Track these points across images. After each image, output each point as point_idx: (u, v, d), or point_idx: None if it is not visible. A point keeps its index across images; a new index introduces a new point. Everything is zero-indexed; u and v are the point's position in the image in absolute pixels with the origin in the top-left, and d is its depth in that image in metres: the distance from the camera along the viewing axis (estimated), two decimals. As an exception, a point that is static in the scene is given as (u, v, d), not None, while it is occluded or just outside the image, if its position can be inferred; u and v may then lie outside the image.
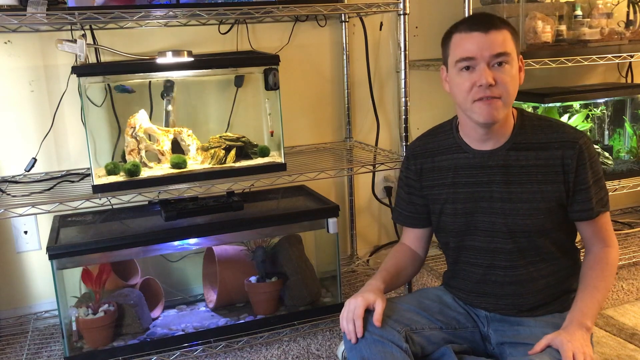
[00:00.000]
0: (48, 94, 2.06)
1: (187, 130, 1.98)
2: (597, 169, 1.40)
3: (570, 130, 1.40)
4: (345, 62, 2.39)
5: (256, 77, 2.07)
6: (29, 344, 1.96)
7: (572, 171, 1.36)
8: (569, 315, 1.34)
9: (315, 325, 2.00)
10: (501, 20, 1.36)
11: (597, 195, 1.39)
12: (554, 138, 1.38)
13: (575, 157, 1.36)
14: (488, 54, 1.32)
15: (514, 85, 1.35)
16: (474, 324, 1.51)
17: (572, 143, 1.37)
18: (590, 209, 1.39)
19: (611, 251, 1.42)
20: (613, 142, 2.57)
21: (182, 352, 1.84)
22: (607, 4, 2.38)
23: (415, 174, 1.54)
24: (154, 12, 1.73)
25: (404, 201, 1.59)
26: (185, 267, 2.23)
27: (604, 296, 1.38)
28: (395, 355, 1.35)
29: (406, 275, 1.61)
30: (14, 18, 1.61)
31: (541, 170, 1.38)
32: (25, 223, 2.11)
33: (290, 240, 2.06)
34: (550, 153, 1.38)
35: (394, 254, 1.61)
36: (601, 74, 2.85)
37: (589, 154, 1.37)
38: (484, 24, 1.33)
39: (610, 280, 1.40)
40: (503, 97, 1.34)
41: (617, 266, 1.43)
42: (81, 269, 1.83)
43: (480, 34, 1.32)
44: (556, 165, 1.37)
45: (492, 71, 1.32)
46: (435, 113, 2.55)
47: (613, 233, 1.45)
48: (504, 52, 1.32)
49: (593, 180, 1.38)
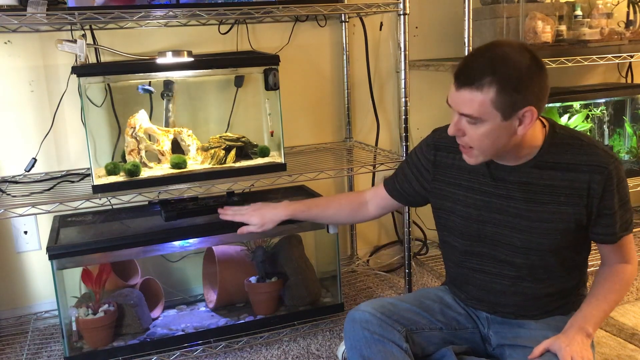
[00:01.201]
0: (48, 94, 2.06)
1: (187, 130, 1.98)
2: (624, 193, 1.34)
3: (602, 154, 1.32)
4: (345, 62, 2.39)
5: (256, 77, 2.07)
6: (29, 344, 1.96)
7: (597, 196, 1.31)
8: (570, 320, 1.32)
9: (315, 325, 2.00)
10: (493, 73, 1.21)
11: (622, 219, 1.35)
12: (583, 160, 1.31)
13: (602, 183, 1.30)
14: (457, 109, 1.27)
15: (483, 143, 1.27)
16: (474, 324, 1.50)
17: (601, 168, 1.30)
18: (613, 234, 1.35)
19: (629, 267, 1.38)
20: (613, 142, 2.57)
21: (182, 352, 1.84)
22: (607, 4, 2.38)
23: (430, 165, 1.51)
24: (154, 12, 1.73)
25: (402, 176, 1.59)
26: (185, 267, 2.24)
27: (611, 308, 1.34)
28: (396, 355, 1.35)
29: (337, 209, 1.65)
30: (14, 18, 1.61)
31: (565, 191, 1.32)
32: (25, 223, 2.11)
33: (290, 240, 2.06)
34: (577, 175, 1.31)
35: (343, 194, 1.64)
36: (601, 74, 2.85)
37: (617, 179, 1.31)
38: (459, 77, 1.25)
39: (622, 294, 1.36)
40: (476, 148, 1.30)
41: (631, 284, 1.39)
42: (81, 269, 1.83)
43: (455, 86, 1.26)
44: (582, 188, 1.31)
45: (463, 124, 1.28)
46: (435, 113, 2.55)
47: (634, 252, 1.40)
48: (469, 114, 1.25)
49: (619, 205, 1.33)
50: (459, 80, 1.25)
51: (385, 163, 2.05)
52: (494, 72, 1.21)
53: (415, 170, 1.55)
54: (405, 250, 2.18)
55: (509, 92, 1.21)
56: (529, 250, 1.37)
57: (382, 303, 1.45)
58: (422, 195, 1.56)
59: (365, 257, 2.59)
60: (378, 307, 1.43)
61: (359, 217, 1.71)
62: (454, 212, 1.46)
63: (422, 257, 2.62)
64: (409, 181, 1.57)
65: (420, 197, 1.57)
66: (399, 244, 2.63)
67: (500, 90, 1.21)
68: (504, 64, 1.22)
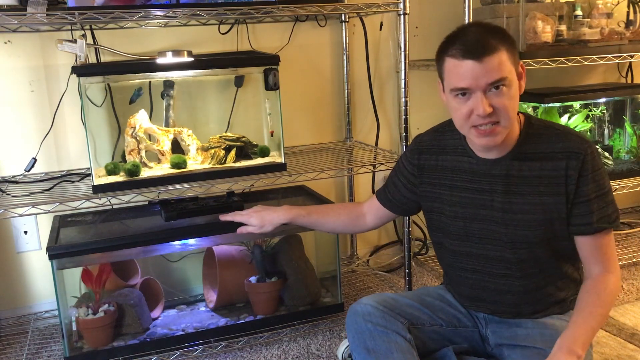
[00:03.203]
0: (48, 94, 2.06)
1: (187, 130, 1.98)
2: (601, 183, 1.33)
3: (577, 140, 1.33)
4: (345, 62, 2.39)
5: (256, 77, 2.07)
6: (29, 344, 1.96)
7: (573, 182, 1.31)
8: (559, 340, 1.26)
9: (315, 325, 2.00)
10: (497, 36, 1.27)
11: (601, 211, 1.32)
12: (558, 148, 1.33)
13: (578, 168, 1.30)
14: (484, 82, 1.25)
15: (513, 106, 1.29)
16: (474, 323, 1.51)
17: (576, 154, 1.31)
18: (589, 224, 1.32)
19: (611, 277, 1.34)
20: (613, 142, 2.57)
21: (182, 352, 1.84)
22: (607, 4, 2.38)
23: (416, 169, 1.53)
24: (154, 12, 1.73)
25: (392, 185, 1.60)
26: (185, 267, 2.23)
27: (599, 324, 1.30)
28: (400, 344, 1.35)
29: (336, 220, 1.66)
30: (14, 18, 1.61)
31: (544, 181, 1.33)
32: (25, 223, 2.11)
33: (290, 240, 2.06)
34: (554, 164, 1.32)
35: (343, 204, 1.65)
36: (601, 74, 2.85)
37: (592, 165, 1.31)
38: (477, 49, 1.24)
39: (608, 308, 1.32)
40: (502, 121, 1.29)
41: (616, 295, 1.36)
42: (81, 269, 1.83)
43: (474, 62, 1.24)
44: (559, 176, 1.32)
45: (489, 97, 1.26)
46: (435, 113, 2.55)
47: (615, 258, 1.37)
48: (500, 78, 1.25)
49: (595, 195, 1.32)
50: (479, 52, 1.24)
51: (385, 163, 2.05)
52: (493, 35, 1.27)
53: (402, 177, 1.57)
54: (405, 250, 2.18)
55: (511, 49, 1.29)
56: (516, 244, 1.37)
57: (383, 297, 1.47)
58: (413, 201, 1.57)
59: (365, 257, 2.59)
60: (380, 301, 1.44)
61: (358, 227, 1.71)
62: (443, 213, 1.47)
63: (422, 257, 2.62)
64: (398, 190, 1.58)
65: (412, 203, 1.58)
66: (399, 243, 2.63)
67: (508, 47, 1.28)
68: (490, 27, 1.31)
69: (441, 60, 1.32)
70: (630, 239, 2.68)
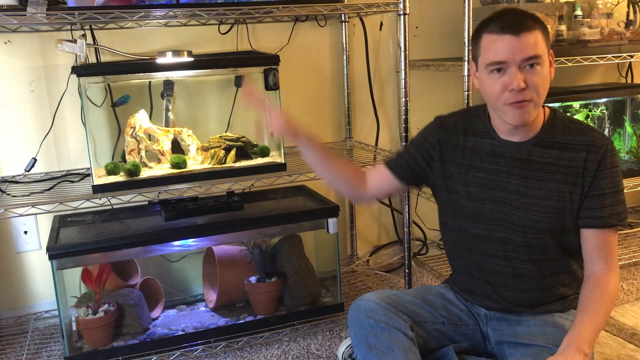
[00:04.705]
0: (48, 94, 2.06)
1: (187, 130, 1.98)
2: (617, 180, 1.36)
3: (599, 136, 1.38)
4: (345, 62, 2.39)
5: (256, 77, 2.07)
6: (29, 344, 1.96)
7: (590, 174, 1.34)
8: (566, 338, 1.28)
9: (315, 325, 2.00)
10: (533, 18, 1.33)
11: (612, 207, 1.35)
12: (580, 140, 1.37)
13: (597, 162, 1.34)
14: (520, 57, 1.29)
15: (545, 86, 1.33)
16: (475, 321, 1.51)
17: (597, 148, 1.35)
18: (600, 217, 1.35)
19: (612, 276, 1.36)
20: (613, 142, 2.57)
21: (182, 352, 1.84)
22: (607, 4, 2.38)
23: (437, 145, 1.51)
24: (154, 12, 1.73)
25: (407, 153, 1.57)
26: (185, 267, 2.23)
27: (604, 322, 1.31)
28: (402, 342, 1.36)
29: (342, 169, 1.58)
30: (14, 18, 1.61)
31: (562, 169, 1.36)
32: (25, 223, 2.11)
33: (290, 240, 2.06)
34: (574, 154, 1.36)
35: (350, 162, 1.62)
36: (601, 74, 2.85)
37: (611, 161, 1.36)
38: (515, 25, 1.30)
39: (611, 306, 1.34)
40: (534, 100, 1.32)
41: (617, 293, 1.38)
42: (81, 269, 1.83)
43: (512, 37, 1.29)
44: (578, 167, 1.35)
45: (524, 73, 1.30)
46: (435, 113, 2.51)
47: (616, 257, 1.39)
48: (536, 54, 1.30)
49: (610, 190, 1.35)
50: (517, 28, 1.30)
51: (385, 163, 2.05)
52: (530, 17, 1.33)
53: (420, 147, 1.54)
54: (405, 250, 2.18)
55: (545, 33, 1.34)
56: (526, 228, 1.39)
57: (386, 294, 1.47)
58: (424, 171, 1.53)
59: (365, 257, 2.59)
60: (383, 297, 1.44)
61: (357, 189, 1.61)
62: (455, 192, 1.47)
63: (422, 257, 2.62)
64: (414, 158, 1.54)
65: (422, 172, 1.54)
66: (399, 243, 2.63)
67: (541, 28, 1.33)
68: (526, 12, 1.35)
69: (478, 39, 1.37)
70: (630, 238, 2.68)
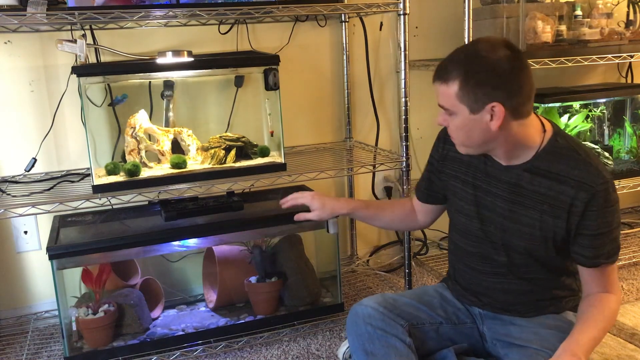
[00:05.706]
0: (48, 94, 2.05)
1: (187, 130, 1.98)
2: (609, 220, 1.29)
3: (594, 173, 1.28)
4: (345, 62, 2.38)
5: (256, 77, 2.07)
6: (29, 344, 1.96)
7: (578, 214, 1.28)
8: (563, 344, 1.27)
9: (315, 325, 2.00)
10: (460, 67, 1.27)
11: (602, 247, 1.31)
12: (573, 175, 1.29)
13: (585, 201, 1.27)
14: (437, 101, 1.35)
15: (459, 135, 1.35)
16: (472, 320, 1.52)
17: (588, 187, 1.27)
18: (591, 257, 1.32)
19: (613, 297, 1.33)
20: (613, 142, 2.57)
21: (182, 352, 1.84)
22: (607, 4, 2.38)
23: (440, 157, 1.54)
24: (154, 12, 1.73)
25: (424, 179, 1.61)
26: (185, 267, 2.23)
27: (601, 336, 1.29)
28: (399, 349, 1.36)
29: (392, 215, 1.67)
30: (14, 18, 1.61)
31: (549, 200, 1.31)
32: (25, 223, 2.11)
33: (290, 240, 2.06)
34: (564, 188, 1.29)
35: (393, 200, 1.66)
36: (601, 74, 2.85)
37: (604, 202, 1.27)
38: (437, 72, 1.33)
39: (609, 324, 1.32)
40: (457, 141, 1.37)
41: (617, 315, 1.34)
42: (81, 269, 1.83)
43: (434, 81, 1.34)
44: (565, 202, 1.29)
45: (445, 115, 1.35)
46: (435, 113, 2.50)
47: (617, 283, 1.35)
48: (441, 105, 1.33)
49: (601, 231, 1.29)
50: (434, 75, 1.34)
51: (385, 163, 2.05)
52: (460, 68, 1.27)
53: (433, 168, 1.58)
54: (405, 250, 2.18)
55: (470, 87, 1.26)
56: (510, 250, 1.40)
57: (384, 297, 1.48)
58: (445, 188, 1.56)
59: (365, 257, 2.59)
60: (381, 302, 1.45)
61: (412, 224, 1.71)
62: (453, 204, 1.51)
63: (422, 257, 2.62)
64: (432, 182, 1.58)
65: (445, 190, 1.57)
66: (399, 244, 2.63)
67: (461, 85, 1.27)
68: (472, 60, 1.28)
69: None
70: (630, 238, 2.68)
